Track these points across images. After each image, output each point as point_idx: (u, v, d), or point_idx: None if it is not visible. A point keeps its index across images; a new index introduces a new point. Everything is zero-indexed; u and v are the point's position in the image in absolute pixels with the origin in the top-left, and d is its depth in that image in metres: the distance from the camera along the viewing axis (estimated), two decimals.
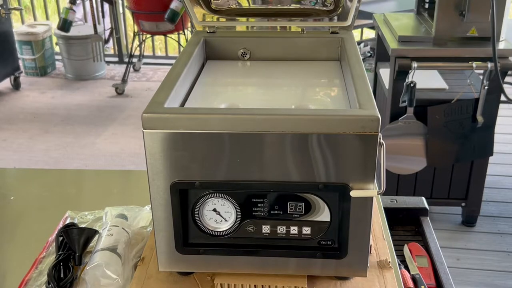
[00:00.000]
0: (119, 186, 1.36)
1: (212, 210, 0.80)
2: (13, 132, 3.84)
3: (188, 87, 0.93)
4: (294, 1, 1.11)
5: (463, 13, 2.22)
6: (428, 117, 2.40)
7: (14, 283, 0.94)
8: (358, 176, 0.75)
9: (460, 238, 2.70)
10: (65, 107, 4.24)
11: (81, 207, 1.15)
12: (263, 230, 0.81)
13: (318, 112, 0.79)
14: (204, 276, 0.87)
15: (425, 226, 1.21)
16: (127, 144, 3.62)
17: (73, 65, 4.72)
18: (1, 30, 4.28)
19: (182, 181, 0.77)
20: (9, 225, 1.16)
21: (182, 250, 0.82)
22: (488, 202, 2.88)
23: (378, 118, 0.72)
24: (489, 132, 2.46)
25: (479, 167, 2.58)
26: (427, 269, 1.08)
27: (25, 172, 1.58)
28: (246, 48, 1.09)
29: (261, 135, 0.73)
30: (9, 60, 4.43)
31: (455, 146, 2.47)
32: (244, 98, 0.94)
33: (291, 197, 0.79)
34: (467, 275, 2.42)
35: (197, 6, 1.09)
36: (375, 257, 0.91)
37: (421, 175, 2.58)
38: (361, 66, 0.91)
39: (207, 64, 1.08)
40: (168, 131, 0.74)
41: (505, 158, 3.28)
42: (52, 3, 5.44)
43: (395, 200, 1.25)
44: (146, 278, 0.88)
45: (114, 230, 0.98)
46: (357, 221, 0.78)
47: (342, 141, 0.73)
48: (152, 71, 4.94)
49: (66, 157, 3.50)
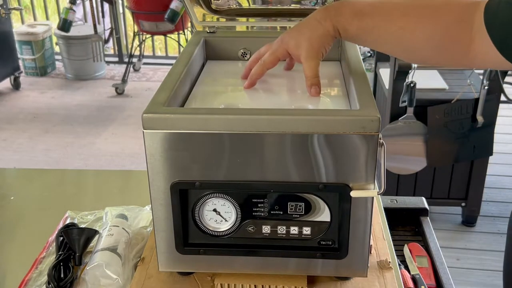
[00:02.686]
0: (119, 186, 1.36)
1: (212, 210, 0.80)
2: (13, 132, 3.84)
3: (188, 87, 0.93)
4: (294, 1, 1.11)
5: None
6: (428, 117, 2.40)
7: (14, 283, 0.94)
8: (358, 176, 0.75)
9: (460, 238, 2.70)
10: (65, 107, 4.24)
11: (81, 207, 1.15)
12: (263, 230, 0.81)
13: (318, 112, 0.79)
14: (204, 276, 0.87)
15: (425, 226, 1.21)
16: (127, 144, 3.62)
17: (73, 65, 4.73)
18: (1, 30, 4.28)
19: (182, 181, 0.77)
20: (9, 225, 1.16)
21: (182, 250, 0.82)
22: (488, 202, 2.88)
23: (378, 118, 0.72)
24: (489, 132, 2.46)
25: (479, 167, 2.58)
26: (427, 269, 1.08)
27: (25, 172, 1.58)
28: (246, 48, 1.09)
29: (261, 135, 0.73)
30: (9, 60, 4.43)
31: (455, 146, 2.47)
32: (244, 98, 0.94)
33: (291, 197, 0.79)
34: (467, 275, 2.43)
35: (197, 6, 1.09)
36: (375, 257, 0.91)
37: (421, 175, 2.58)
38: (361, 66, 0.91)
39: (207, 64, 1.08)
40: (168, 131, 0.74)
41: (505, 158, 3.28)
42: (52, 3, 5.44)
43: (395, 200, 1.25)
44: (146, 278, 0.88)
45: (114, 230, 0.98)
46: (357, 221, 0.78)
47: (342, 141, 0.73)
48: (152, 71, 4.94)
49: (66, 157, 3.50)
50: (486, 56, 0.81)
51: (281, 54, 0.89)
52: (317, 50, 0.85)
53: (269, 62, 0.90)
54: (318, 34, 0.85)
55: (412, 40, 0.83)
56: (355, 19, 0.84)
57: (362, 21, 0.84)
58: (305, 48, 0.85)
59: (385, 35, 0.84)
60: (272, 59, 0.89)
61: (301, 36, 0.86)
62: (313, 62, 0.85)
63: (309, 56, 0.85)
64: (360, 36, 0.86)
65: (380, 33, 0.84)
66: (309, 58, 0.85)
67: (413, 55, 0.89)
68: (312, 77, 0.86)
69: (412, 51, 0.86)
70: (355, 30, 0.84)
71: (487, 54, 0.80)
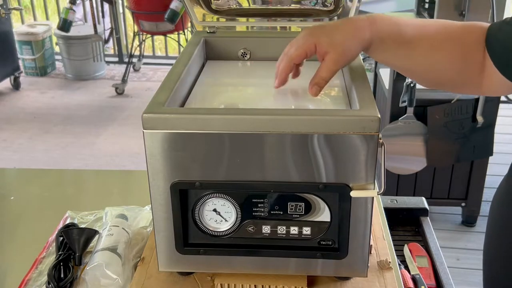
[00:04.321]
0: (119, 186, 1.36)
1: (212, 210, 0.80)
2: (13, 132, 3.84)
3: (188, 87, 0.93)
4: (294, 1, 1.11)
5: (463, 13, 2.22)
6: (428, 117, 2.40)
7: (14, 283, 0.94)
8: (358, 176, 0.75)
9: (460, 238, 2.70)
10: (65, 107, 4.24)
11: (81, 207, 1.15)
12: (263, 230, 0.81)
13: (318, 112, 0.79)
14: (204, 276, 0.87)
15: (425, 226, 1.21)
16: (127, 144, 3.62)
17: (73, 65, 4.72)
18: (1, 30, 4.28)
19: (182, 181, 0.77)
20: (9, 225, 1.16)
21: (182, 250, 0.82)
22: (488, 202, 2.88)
23: (378, 118, 0.72)
24: (489, 132, 2.46)
25: (479, 167, 2.58)
26: (427, 269, 1.08)
27: (25, 172, 1.58)
28: (246, 48, 1.09)
29: (261, 135, 0.73)
30: (9, 60, 4.43)
31: (455, 146, 2.47)
32: (244, 98, 0.94)
33: (291, 197, 0.79)
34: (467, 275, 2.42)
35: (197, 6, 1.09)
36: (375, 257, 0.91)
37: (421, 175, 2.58)
38: (361, 66, 0.91)
39: (207, 64, 1.08)
40: (168, 131, 0.74)
41: (505, 158, 3.27)
42: (52, 3, 5.44)
43: (395, 200, 1.25)
44: (146, 278, 0.88)
45: (114, 230, 0.98)
46: (357, 221, 0.78)
47: (342, 141, 0.73)
48: (152, 71, 4.94)
49: (66, 157, 3.50)
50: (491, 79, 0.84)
51: (308, 48, 0.84)
52: (347, 58, 0.83)
53: (296, 56, 0.85)
54: (354, 42, 0.83)
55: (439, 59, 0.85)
56: (393, 33, 0.84)
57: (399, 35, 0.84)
58: (338, 50, 0.82)
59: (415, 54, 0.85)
60: (300, 52, 0.85)
61: (336, 37, 0.83)
62: (336, 67, 0.83)
63: (338, 60, 0.83)
64: (392, 50, 0.86)
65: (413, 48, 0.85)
66: (336, 62, 0.82)
67: (433, 75, 0.90)
68: (323, 79, 0.83)
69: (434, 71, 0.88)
70: (391, 42, 0.84)
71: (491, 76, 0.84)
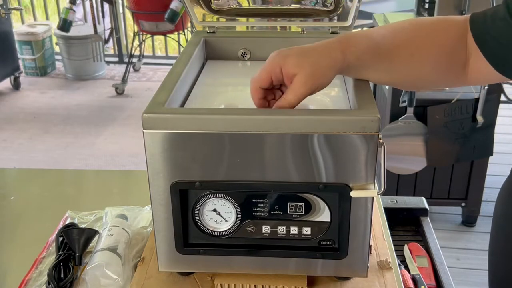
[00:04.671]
0: (119, 186, 1.36)
1: (212, 210, 0.80)
2: (13, 132, 3.84)
3: (188, 87, 0.93)
4: (294, 1, 1.11)
5: (463, 13, 2.22)
6: (428, 117, 2.40)
7: (14, 283, 0.94)
8: (358, 176, 0.75)
9: (460, 238, 2.70)
10: (65, 107, 4.24)
11: (81, 207, 1.15)
12: (263, 230, 0.81)
13: (318, 112, 0.79)
14: (204, 276, 0.87)
15: (425, 226, 1.21)
16: (127, 144, 3.62)
17: (73, 65, 4.72)
18: (1, 30, 4.28)
19: (182, 181, 0.77)
20: (9, 225, 1.16)
21: (182, 250, 0.82)
22: (488, 202, 2.88)
23: (378, 118, 0.72)
24: (489, 132, 2.46)
25: (479, 167, 2.58)
26: (427, 269, 1.08)
27: (25, 172, 1.58)
28: (246, 48, 1.09)
29: (261, 135, 0.73)
30: (9, 60, 4.43)
31: (455, 146, 2.47)
32: (244, 99, 0.94)
33: (291, 197, 0.79)
34: (467, 275, 2.43)
35: (197, 6, 1.09)
36: (375, 257, 0.91)
37: (421, 175, 2.58)
38: None
39: (207, 64, 1.08)
40: (168, 131, 0.74)
41: (505, 158, 3.27)
42: (52, 3, 5.44)
43: (395, 200, 1.25)
44: (146, 278, 0.88)
45: (114, 230, 0.98)
46: (357, 221, 0.78)
47: (342, 141, 0.73)
48: (152, 71, 4.94)
49: (66, 157, 3.50)
50: (479, 72, 0.83)
51: (272, 71, 0.78)
52: (317, 81, 0.77)
53: (259, 80, 0.79)
54: (325, 64, 0.77)
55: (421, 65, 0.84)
56: (369, 48, 0.81)
57: (375, 49, 0.81)
58: (306, 72, 0.76)
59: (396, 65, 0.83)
60: (263, 76, 0.79)
61: (306, 59, 0.77)
62: (304, 90, 0.76)
63: (306, 82, 0.76)
64: (372, 65, 0.82)
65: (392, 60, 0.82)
66: (304, 84, 0.76)
67: (420, 81, 0.88)
68: (288, 103, 0.77)
69: (419, 77, 0.86)
70: (368, 58, 0.81)
71: (480, 69, 0.82)
